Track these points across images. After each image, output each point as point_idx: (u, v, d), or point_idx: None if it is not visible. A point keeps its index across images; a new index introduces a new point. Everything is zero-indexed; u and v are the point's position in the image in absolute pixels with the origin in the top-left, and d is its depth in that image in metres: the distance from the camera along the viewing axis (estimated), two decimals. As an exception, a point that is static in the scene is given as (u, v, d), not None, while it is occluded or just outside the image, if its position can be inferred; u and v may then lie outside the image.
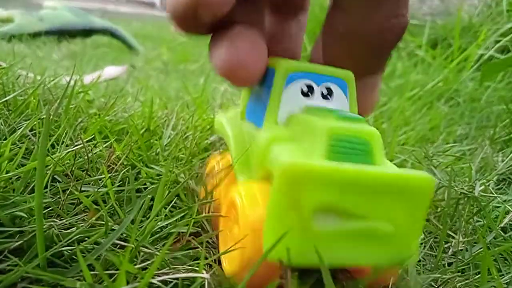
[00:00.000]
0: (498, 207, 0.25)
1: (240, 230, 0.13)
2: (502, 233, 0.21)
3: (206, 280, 0.12)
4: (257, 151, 0.14)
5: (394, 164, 0.13)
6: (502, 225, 0.22)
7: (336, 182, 0.11)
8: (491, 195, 0.25)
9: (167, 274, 0.13)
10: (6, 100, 0.24)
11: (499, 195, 0.26)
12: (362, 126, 0.13)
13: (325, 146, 0.12)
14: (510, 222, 0.22)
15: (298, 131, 0.14)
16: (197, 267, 0.13)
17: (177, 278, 0.12)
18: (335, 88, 0.15)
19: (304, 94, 0.15)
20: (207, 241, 0.15)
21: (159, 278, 0.12)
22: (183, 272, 0.13)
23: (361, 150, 0.13)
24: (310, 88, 0.15)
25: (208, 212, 0.17)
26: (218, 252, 0.15)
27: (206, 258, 0.14)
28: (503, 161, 0.32)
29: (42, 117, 0.22)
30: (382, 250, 0.12)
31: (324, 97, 0.15)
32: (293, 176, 0.11)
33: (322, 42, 0.15)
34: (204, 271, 0.13)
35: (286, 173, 0.11)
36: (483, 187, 0.26)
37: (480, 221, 0.22)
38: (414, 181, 0.12)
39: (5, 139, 0.19)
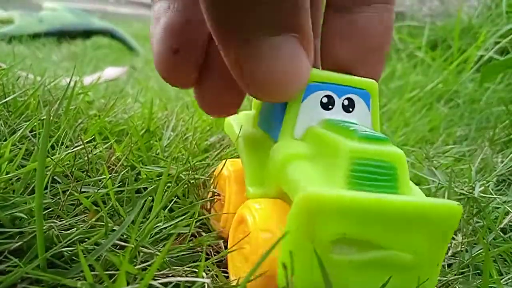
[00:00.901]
0: (497, 208, 0.25)
1: (252, 252, 0.12)
2: (502, 234, 0.21)
3: (206, 284, 0.12)
4: (273, 168, 0.13)
5: None
6: (501, 226, 0.22)
7: (356, 213, 0.11)
8: (490, 196, 0.25)
9: (167, 275, 0.13)
10: (6, 101, 0.24)
11: (498, 196, 0.26)
12: (387, 148, 0.12)
13: (347, 171, 0.11)
14: (510, 223, 0.22)
15: (317, 149, 0.13)
16: (197, 268, 0.13)
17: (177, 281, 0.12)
18: (357, 100, 0.14)
19: (324, 107, 0.14)
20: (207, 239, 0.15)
21: (159, 281, 0.12)
22: (184, 274, 0.13)
23: (385, 175, 0.12)
24: (331, 100, 0.14)
25: (210, 211, 0.17)
26: (223, 250, 0.15)
27: (207, 259, 0.14)
28: (502, 162, 0.32)
29: (42, 118, 0.22)
30: (400, 280, 0.11)
31: (345, 109, 0.14)
32: (311, 207, 0.10)
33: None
34: (204, 274, 0.13)
35: (304, 204, 0.10)
36: (482, 188, 0.26)
37: (480, 222, 0.22)
38: (440, 211, 0.11)
39: (5, 140, 0.19)
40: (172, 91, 0.52)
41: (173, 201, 0.18)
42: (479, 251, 0.19)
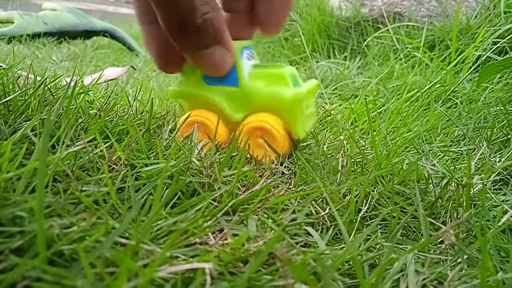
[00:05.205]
0: (496, 206, 0.25)
1: (276, 145, 0.26)
2: (501, 232, 0.21)
3: (208, 270, 0.12)
4: (255, 95, 0.26)
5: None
6: (499, 224, 0.22)
7: (305, 96, 0.27)
8: (488, 194, 0.25)
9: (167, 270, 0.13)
10: (6, 101, 0.24)
11: (496, 195, 0.26)
12: (290, 67, 0.28)
13: (290, 82, 0.26)
14: (508, 222, 0.22)
15: (266, 80, 0.26)
16: (197, 261, 0.13)
17: (179, 274, 0.13)
18: (253, 52, 0.28)
19: (249, 59, 0.27)
20: (206, 236, 0.16)
21: (161, 273, 0.12)
22: (184, 270, 0.13)
23: (296, 79, 0.28)
24: (249, 55, 0.27)
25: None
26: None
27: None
28: (500, 161, 0.32)
29: (43, 117, 0.22)
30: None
31: (253, 58, 0.28)
32: (296, 99, 0.26)
33: None
34: (205, 264, 0.13)
35: (293, 99, 0.26)
36: (480, 186, 0.26)
37: (478, 221, 0.22)
38: (314, 86, 0.29)
39: (6, 139, 0.19)
40: (172, 91, 0.52)
41: (174, 198, 0.18)
42: (478, 248, 0.19)
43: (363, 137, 0.37)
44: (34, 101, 0.26)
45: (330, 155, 0.27)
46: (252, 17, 0.26)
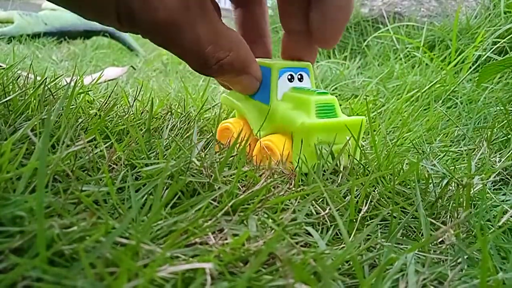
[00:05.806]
0: (496, 206, 0.25)
1: (277, 155, 0.25)
2: (501, 233, 0.21)
3: (208, 270, 0.12)
4: (276, 116, 0.26)
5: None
6: (499, 224, 0.22)
7: (324, 129, 0.24)
8: (488, 194, 0.25)
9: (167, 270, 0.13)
10: (6, 101, 0.24)
11: (496, 195, 0.26)
12: (328, 96, 0.25)
13: (314, 110, 0.24)
14: (509, 222, 0.22)
15: (294, 103, 0.25)
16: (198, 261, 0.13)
17: (179, 274, 0.13)
18: (304, 74, 0.27)
19: (289, 80, 0.27)
20: (206, 236, 0.16)
21: (162, 273, 0.12)
22: (184, 270, 0.13)
23: (330, 109, 0.25)
24: (292, 76, 0.27)
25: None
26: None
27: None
28: (500, 161, 0.32)
29: (43, 117, 0.22)
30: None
31: (299, 80, 0.27)
32: (304, 129, 0.24)
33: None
34: (206, 264, 0.13)
35: (301, 128, 0.24)
36: (481, 186, 0.26)
37: (478, 221, 0.22)
38: (355, 121, 0.25)
39: (6, 139, 0.19)
40: (172, 91, 0.52)
41: (174, 198, 0.18)
42: (478, 248, 0.19)
43: (363, 137, 0.37)
44: (34, 101, 0.26)
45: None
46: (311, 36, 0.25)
